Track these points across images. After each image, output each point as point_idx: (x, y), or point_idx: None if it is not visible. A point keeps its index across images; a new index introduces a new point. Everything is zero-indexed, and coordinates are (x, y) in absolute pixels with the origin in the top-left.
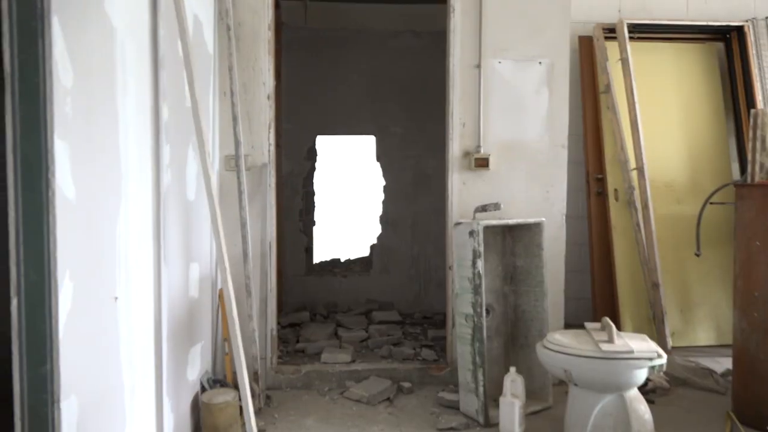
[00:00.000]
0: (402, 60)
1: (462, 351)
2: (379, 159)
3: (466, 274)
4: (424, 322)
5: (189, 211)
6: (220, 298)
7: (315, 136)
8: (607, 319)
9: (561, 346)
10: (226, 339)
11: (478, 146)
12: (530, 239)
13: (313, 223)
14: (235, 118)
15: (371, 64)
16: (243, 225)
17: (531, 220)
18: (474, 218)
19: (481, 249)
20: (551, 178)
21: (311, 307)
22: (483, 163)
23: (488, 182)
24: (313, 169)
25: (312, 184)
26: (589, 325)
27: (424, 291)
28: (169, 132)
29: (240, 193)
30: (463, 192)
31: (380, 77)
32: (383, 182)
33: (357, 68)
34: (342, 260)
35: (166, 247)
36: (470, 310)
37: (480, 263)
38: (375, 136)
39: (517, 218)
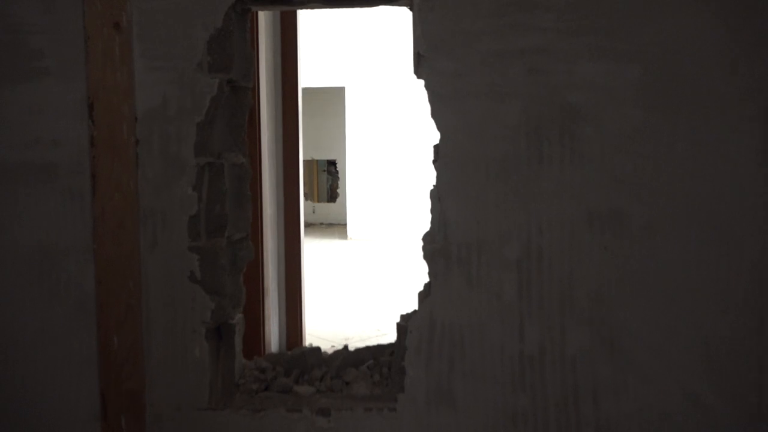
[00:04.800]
0: None
1: None
2: (421, 64)
3: None
4: None
5: None
6: None
7: (230, 3)
8: None
9: None
10: None
11: None
12: None
13: (241, 253)
14: None
15: None
16: None
17: None
18: None
19: None
20: None
21: None
22: None
23: None
24: (230, 99)
25: (231, 144)
26: None
27: None
28: None
29: None
30: None
31: None
32: (436, 133)
33: None
34: (324, 354)
35: None
36: None
37: None
38: None
39: None
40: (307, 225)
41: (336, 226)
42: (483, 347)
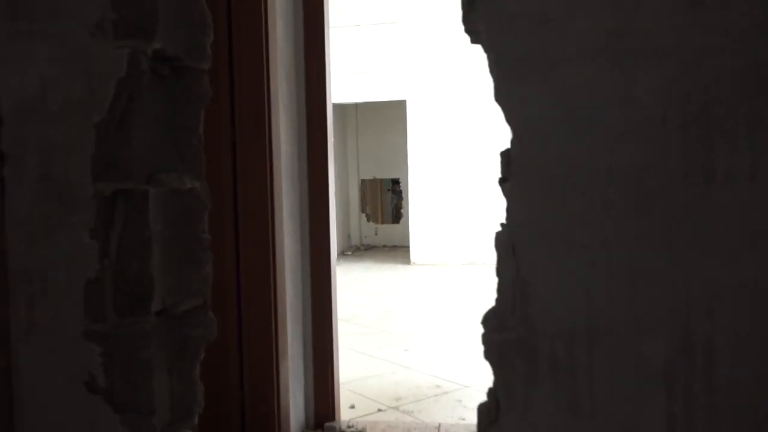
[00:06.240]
0: None
1: None
2: (475, 5)
3: None
4: None
5: None
6: None
7: None
8: None
9: None
10: None
11: None
12: None
13: (193, 333)
14: None
15: None
16: None
17: None
18: None
19: None
20: None
21: None
22: None
23: None
24: (167, 87)
25: (173, 158)
26: None
27: None
28: None
29: None
30: None
31: None
32: (506, 129)
33: None
34: None
35: None
36: None
37: None
38: None
39: None
40: (368, 247)
41: (399, 249)
42: None
